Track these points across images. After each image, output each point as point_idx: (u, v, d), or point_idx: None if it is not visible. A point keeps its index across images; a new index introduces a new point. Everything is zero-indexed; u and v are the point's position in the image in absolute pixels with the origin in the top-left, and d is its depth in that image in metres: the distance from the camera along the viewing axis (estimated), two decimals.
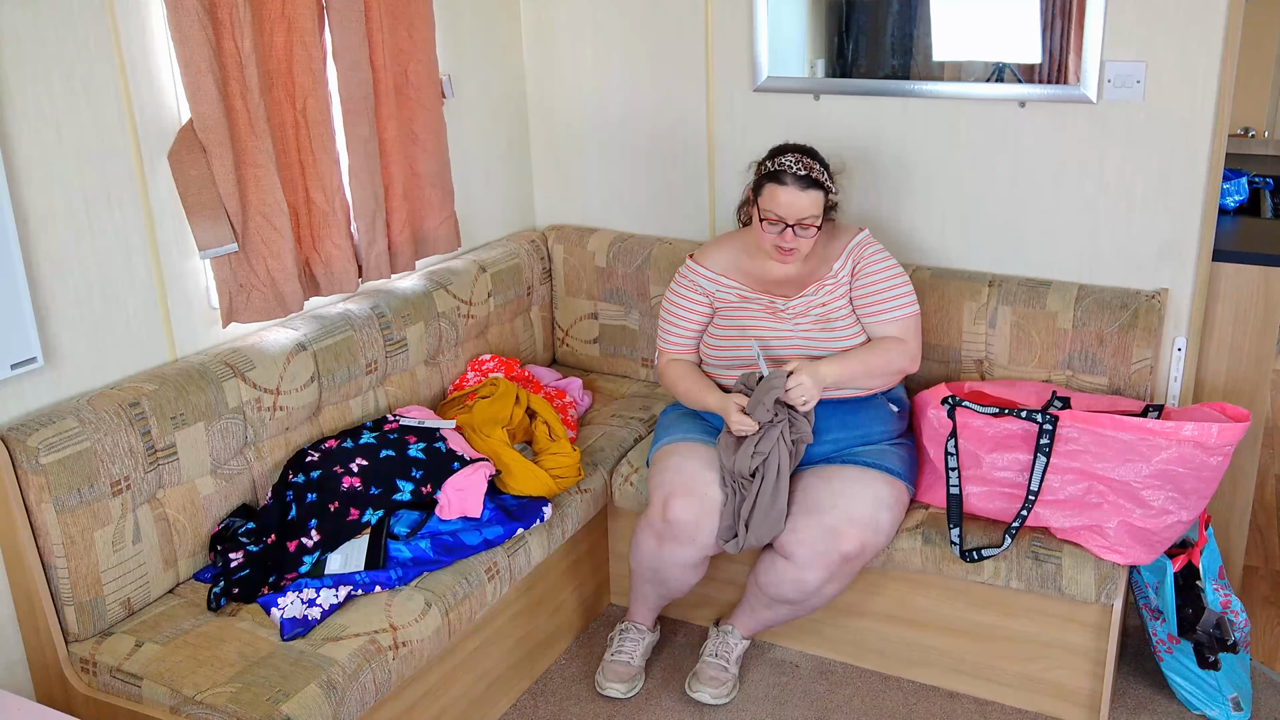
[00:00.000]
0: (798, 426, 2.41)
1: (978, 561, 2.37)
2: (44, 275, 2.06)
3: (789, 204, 2.43)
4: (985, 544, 2.38)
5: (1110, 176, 2.68)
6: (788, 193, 2.43)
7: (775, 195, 2.45)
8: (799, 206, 2.43)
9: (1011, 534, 2.35)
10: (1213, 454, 2.22)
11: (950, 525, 2.40)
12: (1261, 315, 2.67)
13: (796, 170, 2.44)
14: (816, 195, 2.45)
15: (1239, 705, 2.45)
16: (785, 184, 2.43)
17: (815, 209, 2.45)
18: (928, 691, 2.60)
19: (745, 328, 2.54)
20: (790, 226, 2.44)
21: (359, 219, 2.59)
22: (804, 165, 2.45)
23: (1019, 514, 2.35)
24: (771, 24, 2.94)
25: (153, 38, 2.19)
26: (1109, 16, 2.57)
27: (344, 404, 2.57)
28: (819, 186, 2.45)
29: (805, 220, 2.44)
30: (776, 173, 2.46)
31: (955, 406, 2.43)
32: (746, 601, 2.57)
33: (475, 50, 3.10)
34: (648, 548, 2.51)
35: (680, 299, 2.65)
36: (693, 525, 2.42)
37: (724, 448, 2.45)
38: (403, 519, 2.31)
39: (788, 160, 2.46)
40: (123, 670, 1.98)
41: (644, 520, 2.51)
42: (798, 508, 2.41)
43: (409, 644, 2.09)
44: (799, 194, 2.43)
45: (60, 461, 1.96)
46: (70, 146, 2.07)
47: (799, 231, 2.45)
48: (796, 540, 2.37)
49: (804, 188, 2.43)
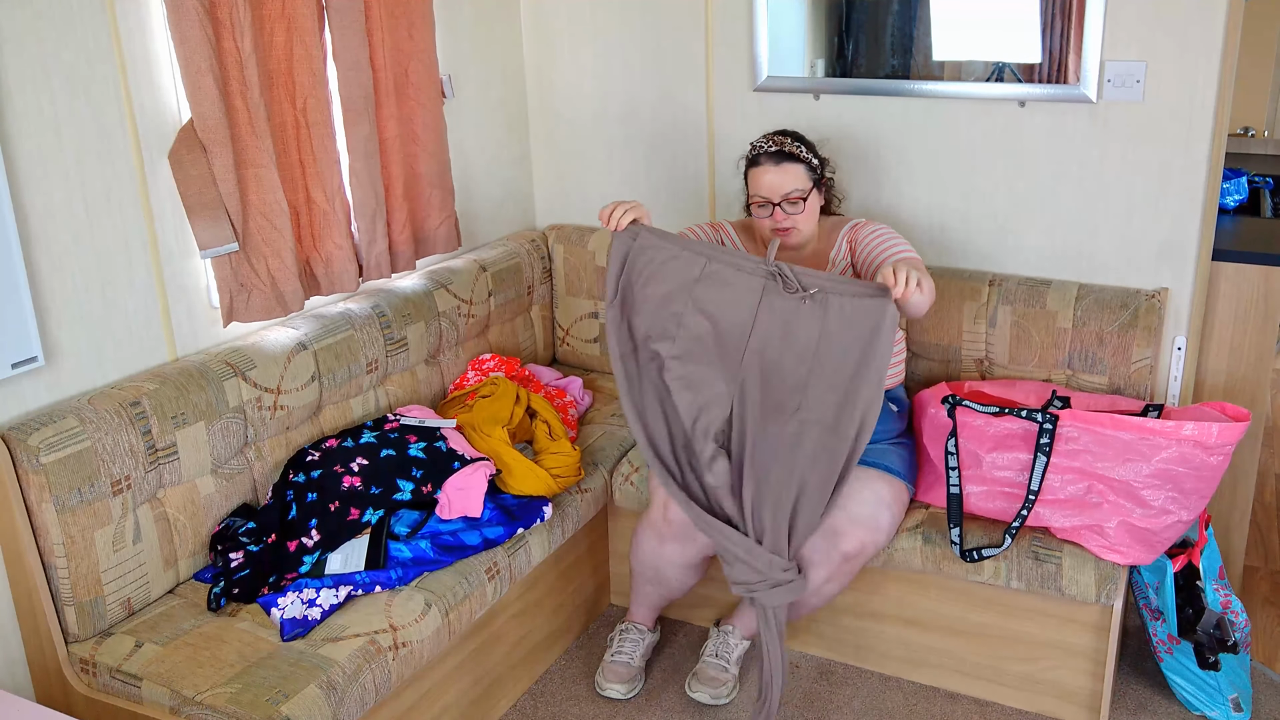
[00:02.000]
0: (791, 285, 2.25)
1: (978, 561, 2.37)
2: (44, 274, 2.06)
3: (769, 183, 2.46)
4: (985, 544, 2.38)
5: (1110, 176, 2.68)
6: (765, 172, 2.46)
7: (756, 178, 2.48)
8: (779, 183, 2.45)
9: (1012, 534, 2.35)
10: (1213, 454, 2.22)
11: (950, 525, 2.40)
12: (1261, 315, 2.67)
13: (768, 148, 2.47)
14: (794, 168, 2.45)
15: (1239, 706, 2.45)
16: (761, 164, 2.47)
17: (797, 182, 2.45)
18: (928, 692, 2.60)
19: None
20: (777, 205, 2.45)
21: (359, 218, 2.59)
22: (775, 142, 2.48)
23: (1019, 514, 2.35)
24: (771, 24, 2.94)
25: (153, 38, 2.19)
26: (1109, 16, 2.57)
27: (344, 403, 2.57)
28: (794, 159, 2.46)
29: (790, 195, 2.45)
30: (752, 156, 2.50)
31: (955, 406, 2.43)
32: (747, 601, 2.57)
33: (475, 50, 3.10)
34: (648, 547, 2.51)
35: (693, 228, 2.61)
36: (693, 525, 2.42)
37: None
38: (403, 519, 2.31)
39: (760, 142, 2.51)
40: (122, 671, 1.98)
41: (644, 520, 2.51)
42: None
43: (409, 644, 2.09)
44: (775, 170, 2.45)
45: (60, 461, 1.96)
46: (70, 146, 2.07)
47: (787, 208, 2.46)
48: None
49: (778, 162, 2.45)
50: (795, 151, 2.47)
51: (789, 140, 2.49)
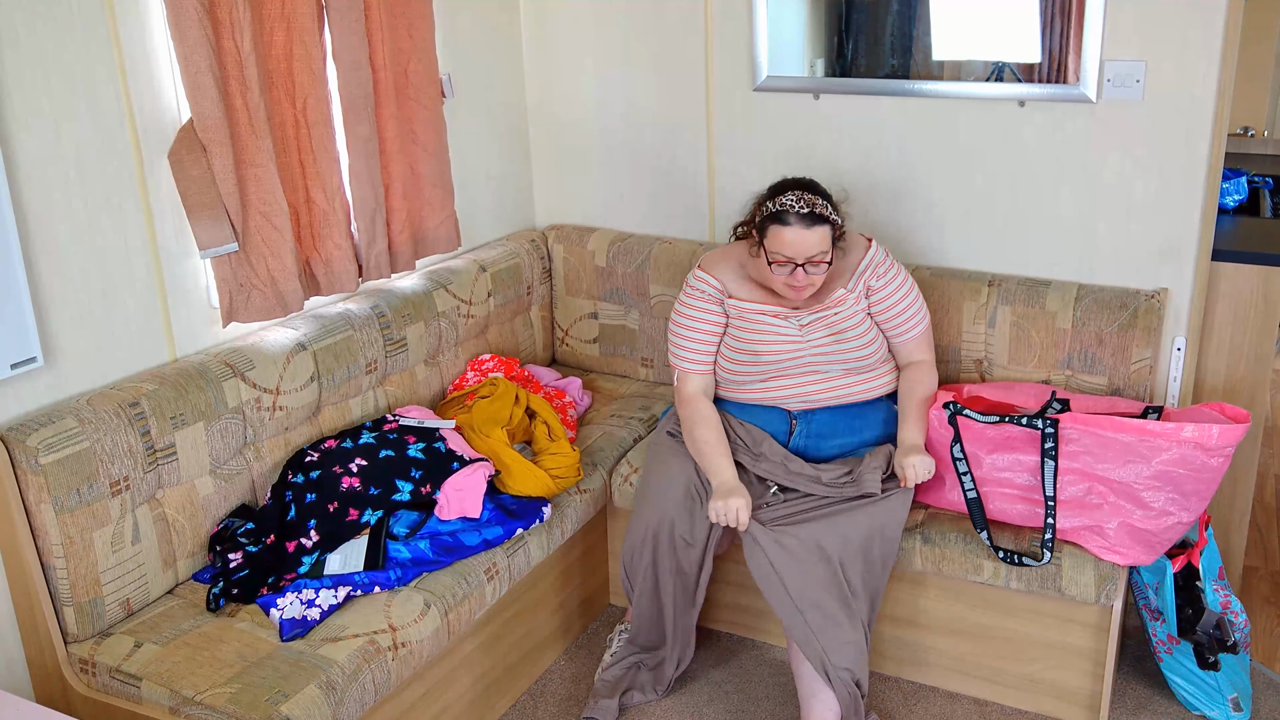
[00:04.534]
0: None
1: (1017, 564, 2.34)
2: (44, 275, 2.06)
3: (795, 243, 2.35)
4: (1014, 549, 2.37)
5: (1110, 176, 2.68)
6: (794, 232, 2.34)
7: (781, 236, 2.36)
8: (806, 245, 2.35)
9: (1049, 546, 2.32)
10: (1213, 455, 2.22)
11: (977, 529, 2.38)
12: (1261, 315, 2.67)
13: (799, 209, 2.34)
14: (823, 231, 2.36)
15: (1239, 706, 2.45)
16: (790, 224, 2.34)
17: (823, 245, 2.36)
18: (928, 692, 2.60)
19: (758, 346, 2.48)
20: (800, 266, 2.37)
21: (359, 218, 2.59)
22: (806, 202, 2.35)
23: (1046, 523, 2.33)
24: (771, 23, 2.94)
25: (153, 38, 2.19)
26: (1109, 16, 2.57)
27: (344, 404, 2.57)
28: (824, 221, 2.36)
29: (815, 258, 2.36)
30: (779, 213, 2.36)
31: (956, 414, 2.42)
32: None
33: (475, 50, 3.10)
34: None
35: (692, 310, 2.55)
36: None
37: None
38: (402, 519, 2.31)
39: (789, 200, 2.37)
40: (122, 671, 1.98)
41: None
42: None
43: (408, 644, 2.09)
44: (805, 232, 2.34)
45: (59, 461, 1.96)
46: (70, 146, 2.07)
47: (809, 270, 2.37)
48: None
49: (809, 225, 2.34)
50: (825, 213, 2.36)
51: (819, 200, 2.38)
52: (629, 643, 2.59)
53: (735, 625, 2.81)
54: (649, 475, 2.52)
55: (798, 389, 2.49)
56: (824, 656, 2.25)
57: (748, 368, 2.50)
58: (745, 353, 2.50)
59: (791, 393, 2.50)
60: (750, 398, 2.54)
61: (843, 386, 2.49)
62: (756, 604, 2.74)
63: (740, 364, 2.51)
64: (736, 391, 2.55)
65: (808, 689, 2.31)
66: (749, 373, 2.51)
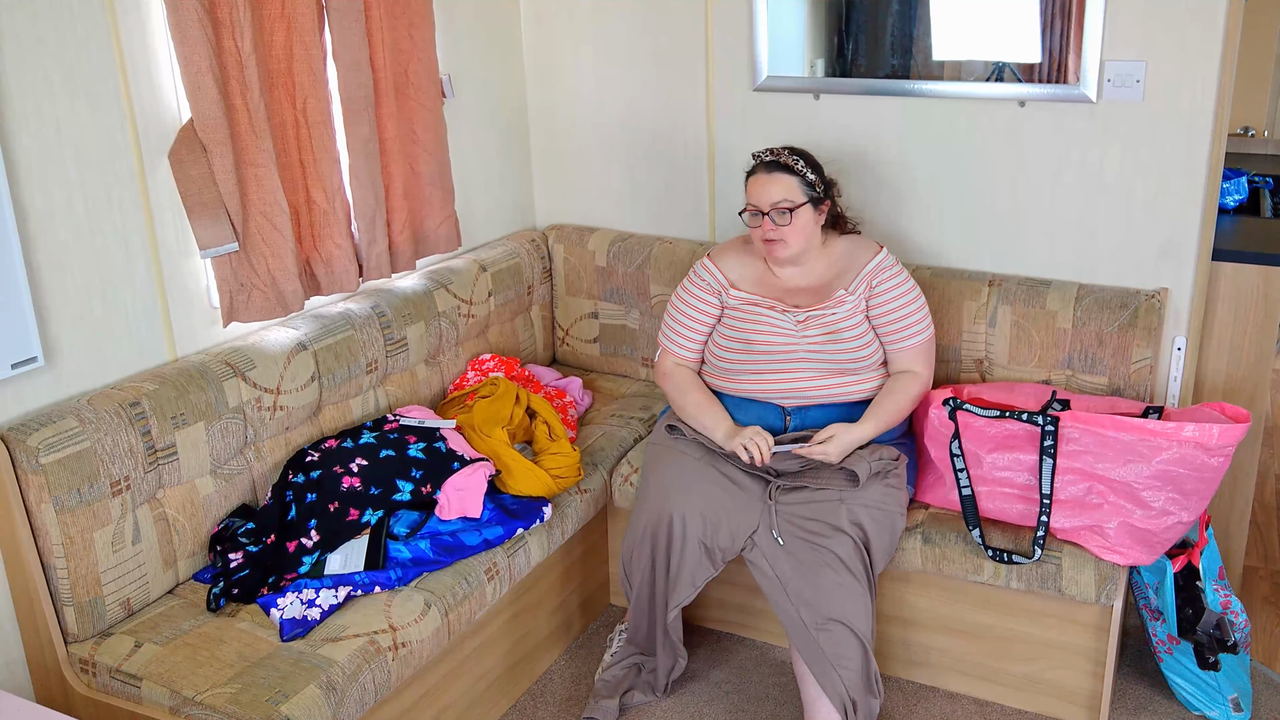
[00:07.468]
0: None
1: (1007, 563, 2.35)
2: (44, 275, 2.06)
3: (759, 190, 2.47)
4: (1009, 548, 2.38)
5: (1110, 176, 2.68)
6: (757, 180, 2.49)
7: (750, 186, 2.51)
8: (769, 191, 2.46)
9: (1040, 544, 2.33)
10: (1213, 455, 2.22)
11: (970, 527, 2.39)
12: (1261, 315, 2.67)
13: (764, 158, 2.50)
14: (786, 179, 2.46)
15: (1239, 706, 2.45)
16: (756, 172, 2.50)
17: (787, 193, 2.45)
18: (928, 691, 2.60)
19: (751, 337, 2.51)
20: (766, 214, 2.46)
21: (359, 218, 2.59)
22: (771, 152, 2.50)
23: (1040, 520, 2.34)
24: (771, 23, 2.94)
25: (153, 38, 2.19)
26: (1109, 16, 2.57)
27: (344, 404, 2.57)
28: (787, 170, 2.47)
29: (779, 204, 2.45)
30: (752, 167, 2.52)
31: (956, 409, 2.42)
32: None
33: (475, 50, 3.10)
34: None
35: (691, 297, 2.62)
36: None
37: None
38: (402, 519, 2.31)
39: (759, 152, 2.53)
40: (122, 671, 1.98)
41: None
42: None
43: (408, 644, 2.09)
44: (765, 178, 2.47)
45: (60, 461, 1.96)
46: (70, 146, 2.07)
47: (776, 218, 2.45)
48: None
49: (770, 171, 2.47)
50: (789, 163, 2.47)
51: (786, 152, 2.50)
52: (629, 643, 2.59)
53: (735, 625, 2.82)
54: (648, 474, 2.52)
55: (788, 383, 2.50)
56: (841, 687, 2.28)
57: (739, 356, 2.52)
58: (738, 341, 2.52)
59: (783, 387, 2.50)
60: (743, 389, 2.54)
61: (834, 385, 2.50)
62: (757, 604, 2.74)
63: (732, 352, 2.53)
64: (729, 383, 2.56)
65: (813, 693, 2.32)
66: (741, 362, 2.52)
